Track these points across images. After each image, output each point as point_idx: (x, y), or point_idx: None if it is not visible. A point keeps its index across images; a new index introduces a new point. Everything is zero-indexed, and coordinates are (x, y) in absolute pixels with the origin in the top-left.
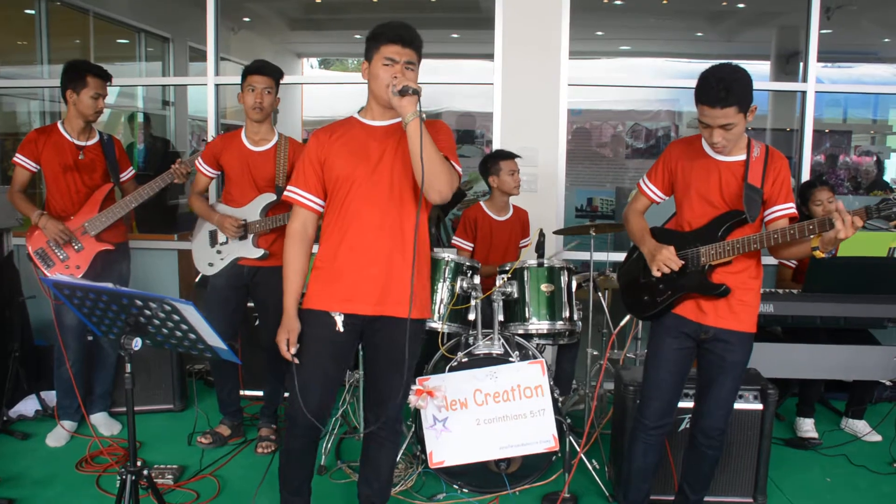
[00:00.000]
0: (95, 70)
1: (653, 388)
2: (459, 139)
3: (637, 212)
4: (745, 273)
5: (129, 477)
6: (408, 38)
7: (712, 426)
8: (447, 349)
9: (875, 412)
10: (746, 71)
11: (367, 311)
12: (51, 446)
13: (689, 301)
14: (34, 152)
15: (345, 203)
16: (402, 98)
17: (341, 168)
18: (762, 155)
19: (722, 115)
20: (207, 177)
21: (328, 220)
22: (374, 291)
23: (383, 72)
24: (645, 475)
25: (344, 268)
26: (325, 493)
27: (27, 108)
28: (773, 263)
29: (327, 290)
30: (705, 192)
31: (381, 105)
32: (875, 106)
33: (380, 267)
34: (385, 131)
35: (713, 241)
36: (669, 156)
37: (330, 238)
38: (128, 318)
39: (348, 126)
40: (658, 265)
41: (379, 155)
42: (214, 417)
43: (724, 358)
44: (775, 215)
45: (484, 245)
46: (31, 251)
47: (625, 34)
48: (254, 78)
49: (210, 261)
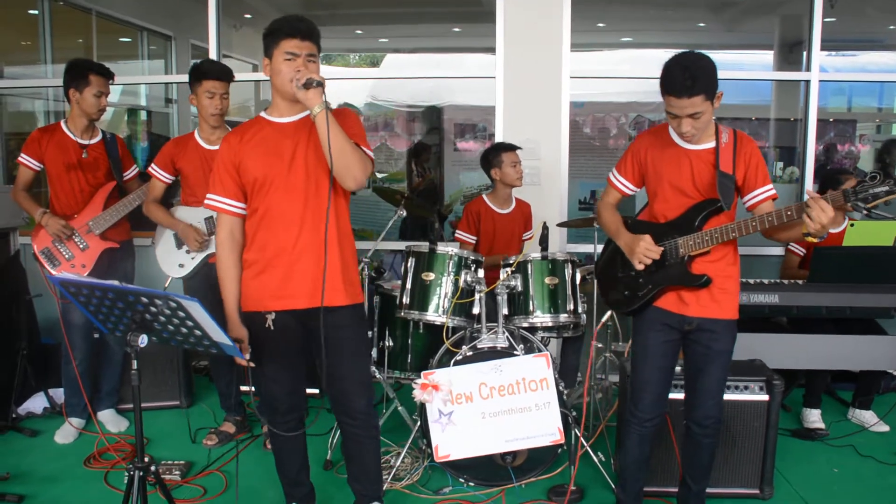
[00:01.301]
0: (98, 68)
1: (643, 383)
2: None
3: (609, 205)
4: (723, 261)
5: (137, 473)
6: (306, 30)
7: (706, 415)
8: (452, 343)
9: (882, 402)
10: (710, 58)
11: (301, 304)
12: (59, 443)
13: (671, 293)
14: (37, 152)
15: (265, 203)
16: (307, 91)
17: (257, 169)
18: (731, 140)
19: (689, 104)
20: (164, 182)
21: (251, 221)
22: (306, 284)
23: (285, 66)
24: (641, 466)
25: (273, 266)
26: (332, 488)
27: (32, 108)
28: (779, 254)
29: (260, 290)
30: (677, 181)
31: (287, 100)
32: (880, 94)
33: (308, 260)
34: (295, 127)
35: (690, 232)
36: (638, 147)
37: (255, 239)
38: (133, 315)
39: (258, 127)
40: (638, 257)
41: (292, 151)
42: (220, 413)
43: (710, 347)
44: (756, 199)
45: (487, 238)
46: (37, 251)
47: (626, 25)
48: (212, 84)
49: (180, 262)
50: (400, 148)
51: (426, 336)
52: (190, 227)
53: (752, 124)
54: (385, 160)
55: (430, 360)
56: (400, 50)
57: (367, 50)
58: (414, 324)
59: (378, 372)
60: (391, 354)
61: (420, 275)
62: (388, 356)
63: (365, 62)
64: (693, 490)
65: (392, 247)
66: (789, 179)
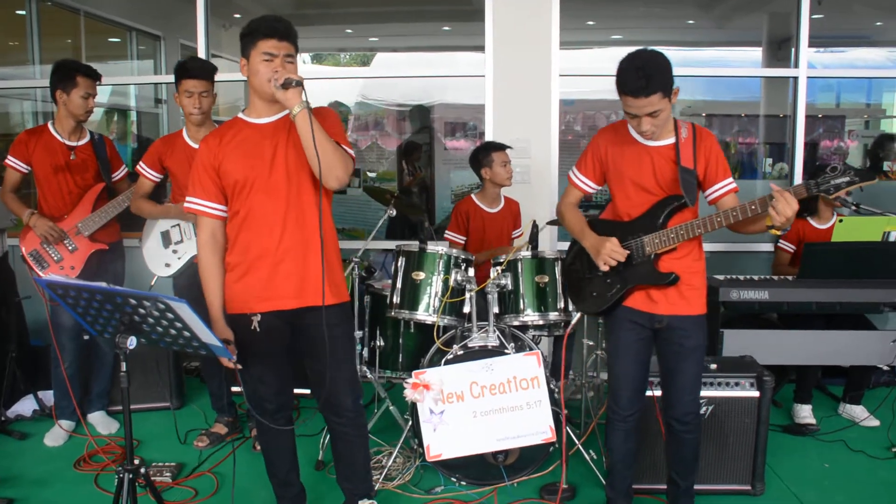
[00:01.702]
0: (85, 70)
1: (620, 380)
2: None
3: (571, 205)
4: (689, 257)
5: (127, 475)
6: (283, 31)
7: (685, 411)
8: (443, 342)
9: (872, 397)
10: (663, 54)
11: (287, 305)
12: (49, 446)
13: (639, 292)
14: (24, 154)
15: (246, 205)
16: (286, 91)
17: (237, 171)
18: (690, 135)
19: (647, 103)
20: (151, 181)
21: (233, 223)
22: (291, 285)
23: (263, 67)
24: (627, 462)
25: (257, 268)
26: (323, 488)
27: (20, 109)
28: (769, 250)
29: (244, 292)
30: (639, 179)
31: (265, 100)
32: (868, 90)
33: (292, 261)
34: (273, 127)
35: (655, 230)
36: (598, 145)
37: (237, 241)
38: (122, 317)
39: (237, 128)
40: (604, 259)
41: (272, 152)
42: (211, 414)
43: (682, 345)
44: (718, 193)
45: (476, 237)
46: (25, 252)
47: (616, 23)
48: (188, 83)
49: (166, 261)
50: (390, 147)
51: (417, 335)
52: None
53: (741, 121)
54: (376, 159)
55: (421, 360)
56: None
57: (358, 49)
58: (405, 323)
59: (369, 372)
60: (382, 354)
61: (410, 274)
62: (379, 356)
63: (355, 61)
64: (682, 487)
65: (382, 246)
66: (779, 175)
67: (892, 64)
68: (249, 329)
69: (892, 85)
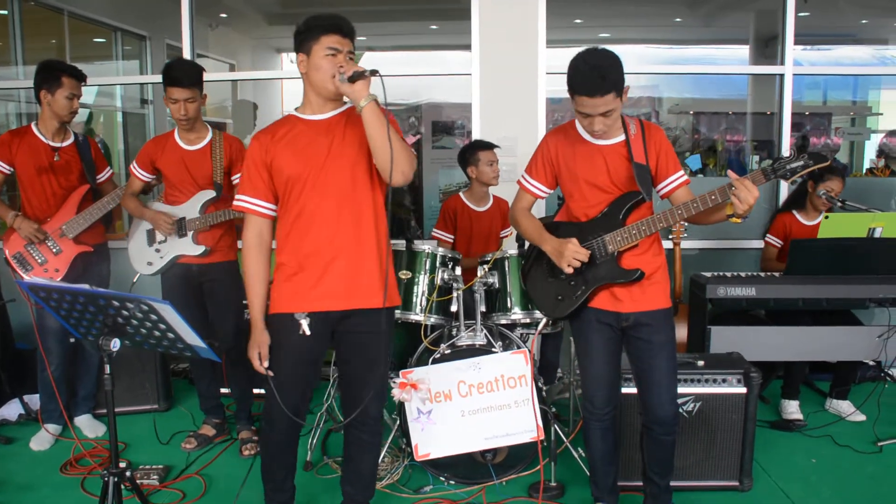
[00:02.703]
0: (70, 70)
1: (593, 381)
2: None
3: (524, 210)
4: (649, 252)
5: (112, 479)
6: (347, 28)
7: (665, 414)
8: (430, 341)
9: (859, 392)
10: (614, 53)
11: (337, 306)
12: (35, 450)
13: (604, 292)
14: (7, 155)
15: (300, 202)
16: (353, 84)
17: (291, 168)
18: (639, 130)
19: (602, 102)
20: (142, 181)
21: (284, 221)
22: (341, 286)
23: (326, 62)
24: (608, 459)
25: (309, 267)
26: (312, 489)
27: (4, 111)
28: (757, 247)
29: (294, 292)
30: (593, 178)
31: (322, 97)
32: (854, 87)
33: (345, 260)
34: (328, 124)
35: (615, 227)
36: (547, 148)
37: (289, 240)
38: (105, 318)
39: (290, 125)
40: (567, 261)
41: (327, 149)
42: (199, 416)
43: (651, 341)
44: (670, 187)
45: (464, 236)
46: (9, 255)
47: (603, 21)
48: (172, 91)
49: (149, 260)
50: None
51: (404, 334)
52: (159, 212)
53: (729, 118)
54: None
55: (408, 359)
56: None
57: None
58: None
59: None
60: None
61: (398, 273)
62: None
63: None
64: (661, 485)
65: None
66: None
67: (878, 61)
68: (289, 329)
69: (877, 82)
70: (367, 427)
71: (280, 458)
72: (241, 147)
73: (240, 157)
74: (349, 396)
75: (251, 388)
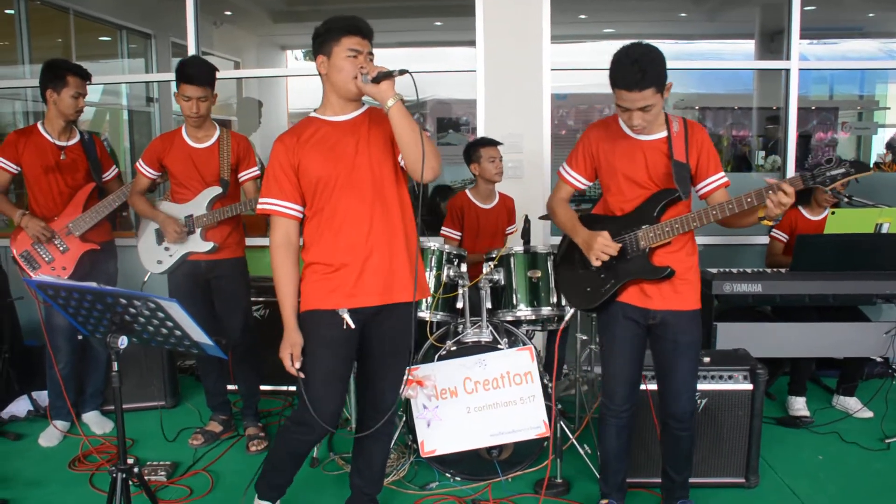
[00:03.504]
0: (75, 69)
1: (615, 377)
2: None
3: (562, 201)
4: (682, 251)
5: (120, 475)
6: (367, 30)
7: (682, 410)
8: (436, 338)
9: (866, 388)
10: (658, 49)
11: (374, 301)
12: (43, 446)
13: (633, 287)
14: (14, 154)
15: (330, 203)
16: (378, 84)
17: (319, 170)
18: (682, 129)
19: (640, 97)
20: (148, 178)
21: (315, 222)
22: (379, 281)
23: (348, 63)
24: (620, 457)
25: (344, 264)
26: (318, 485)
27: (11, 109)
28: (763, 243)
29: (329, 289)
30: (632, 173)
31: (343, 98)
32: (861, 81)
33: (380, 257)
34: (352, 125)
35: (650, 223)
36: (588, 140)
37: (322, 239)
38: (113, 316)
39: (314, 127)
40: (596, 254)
41: (354, 149)
42: (206, 413)
43: (676, 341)
44: (709, 188)
45: (471, 233)
46: (16, 254)
47: (608, 17)
48: (186, 88)
49: (159, 258)
50: None
51: None
52: (170, 218)
53: (734, 113)
54: None
55: (414, 356)
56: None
57: None
58: None
59: None
60: None
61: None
62: None
63: None
64: (677, 481)
65: None
66: (772, 168)
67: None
68: (328, 326)
69: (884, 76)
70: (383, 416)
71: (295, 456)
72: (248, 145)
73: (247, 155)
74: (369, 389)
75: (258, 385)
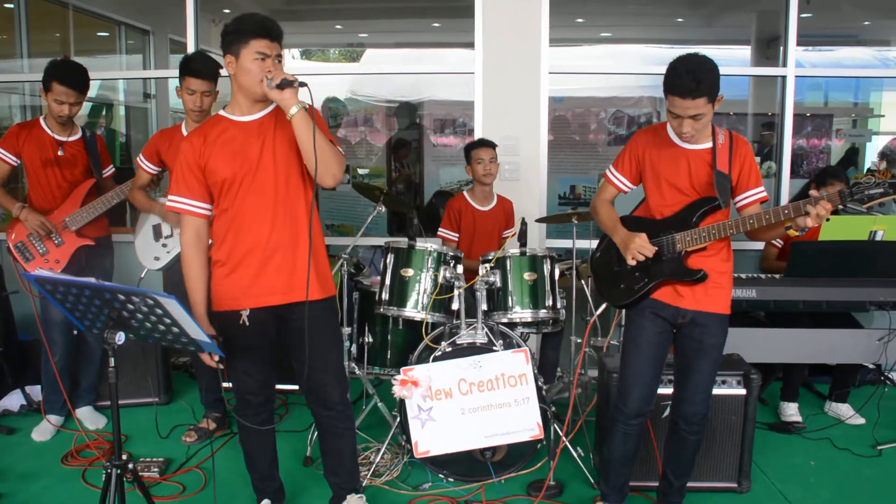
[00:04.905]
0: (61, 76)
1: (634, 376)
2: None
3: (605, 202)
4: (717, 257)
5: (115, 471)
6: (276, 32)
7: (694, 411)
8: (431, 339)
9: (858, 395)
10: (713, 61)
11: (275, 301)
12: (36, 440)
13: (666, 287)
14: (15, 146)
15: (235, 203)
16: (282, 91)
17: (225, 170)
18: (727, 141)
19: (693, 105)
20: (149, 173)
21: (220, 222)
22: (280, 281)
23: (255, 66)
24: (625, 461)
25: (247, 265)
26: (311, 483)
27: (8, 103)
28: (757, 249)
29: (233, 289)
30: (675, 180)
31: (251, 99)
32: (856, 89)
33: (283, 257)
34: (259, 125)
35: (687, 228)
36: (636, 145)
37: (226, 239)
38: (111, 312)
39: (221, 127)
40: (632, 254)
41: (259, 150)
42: (199, 410)
43: (702, 342)
44: (747, 200)
45: (468, 234)
46: (11, 245)
47: (605, 21)
48: (191, 81)
49: (156, 255)
50: (380, 143)
51: (405, 332)
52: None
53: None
54: (365, 155)
55: (409, 357)
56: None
57: (347, 45)
58: (393, 320)
59: (357, 368)
60: (370, 351)
61: (399, 271)
62: (368, 352)
63: (345, 57)
64: (674, 485)
65: (372, 242)
66: (766, 174)
67: (880, 63)
68: (236, 324)
69: (879, 84)
70: (335, 414)
71: (259, 446)
72: None
73: None
74: (309, 383)
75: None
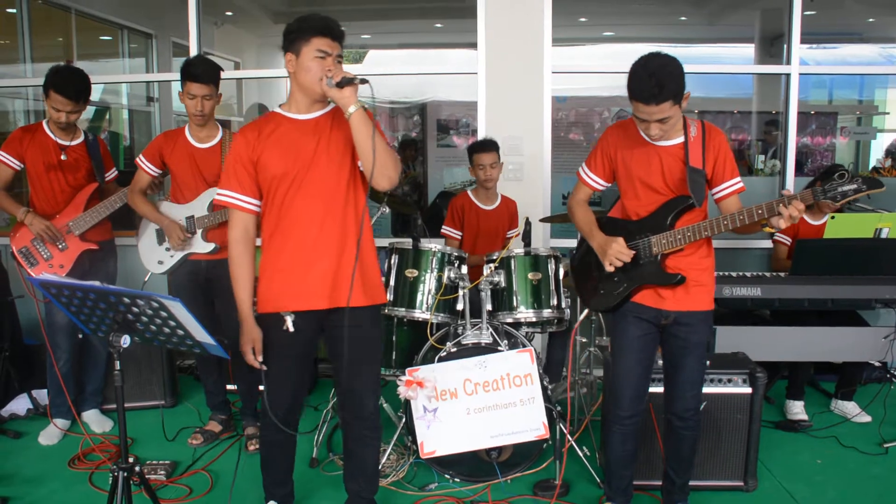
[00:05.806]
0: (57, 85)
1: (622, 378)
2: None
3: (581, 202)
4: (696, 255)
5: (121, 474)
6: (338, 32)
7: (686, 407)
8: (436, 339)
9: (864, 393)
10: (675, 59)
11: (321, 304)
12: (43, 444)
13: (647, 289)
14: (18, 150)
15: (285, 201)
16: (341, 90)
17: (277, 167)
18: (699, 134)
19: (658, 110)
20: (149, 175)
21: (269, 220)
22: (326, 285)
23: (315, 64)
24: (625, 463)
25: (293, 266)
26: (317, 485)
27: (11, 108)
28: (765, 246)
29: (278, 291)
30: (648, 179)
31: (309, 98)
32: (860, 86)
33: (330, 260)
34: (314, 124)
35: (662, 230)
36: (607, 143)
37: (274, 238)
38: (116, 315)
39: (276, 123)
40: (610, 259)
41: (313, 149)
42: (205, 412)
43: (687, 340)
44: (723, 193)
45: (471, 233)
46: (16, 250)
47: (608, 20)
48: (192, 86)
49: (160, 259)
50: None
51: (410, 333)
52: (175, 223)
53: (734, 117)
54: None
55: (414, 357)
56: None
57: (350, 46)
58: (398, 320)
59: None
60: None
61: (404, 272)
62: None
63: (347, 58)
64: (677, 483)
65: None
66: (771, 172)
67: (884, 60)
68: (278, 328)
69: (884, 81)
70: (367, 423)
71: (279, 452)
72: None
73: None
74: (344, 390)
75: (257, 385)
